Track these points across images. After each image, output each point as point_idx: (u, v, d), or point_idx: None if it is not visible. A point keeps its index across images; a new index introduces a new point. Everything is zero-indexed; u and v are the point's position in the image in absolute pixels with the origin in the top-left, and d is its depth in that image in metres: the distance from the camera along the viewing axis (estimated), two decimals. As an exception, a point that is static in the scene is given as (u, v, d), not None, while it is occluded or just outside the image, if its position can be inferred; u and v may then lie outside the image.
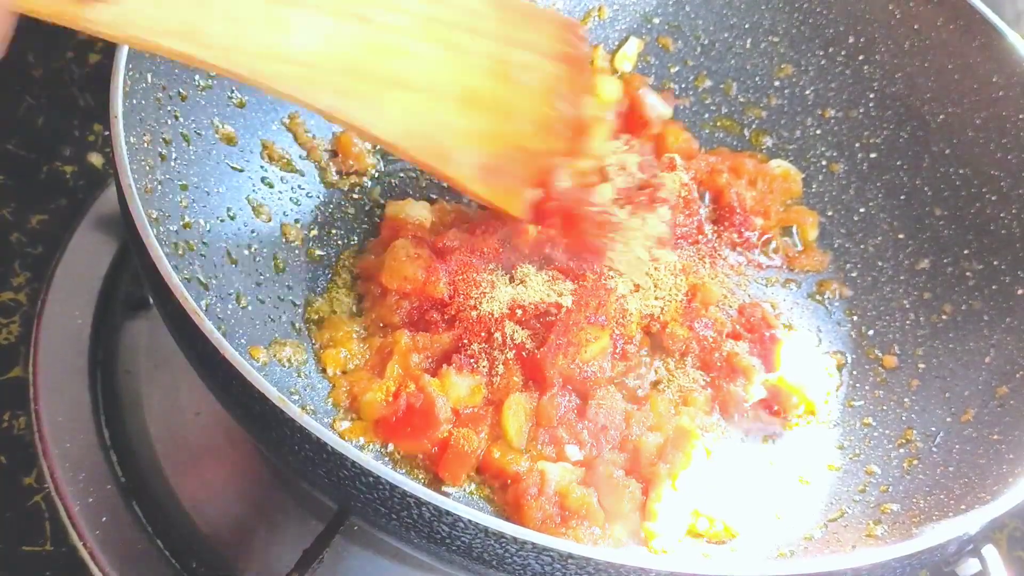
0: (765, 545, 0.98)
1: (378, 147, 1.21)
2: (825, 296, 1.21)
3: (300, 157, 1.16)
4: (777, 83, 1.31)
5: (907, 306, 1.17)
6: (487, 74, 0.97)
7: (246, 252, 1.05)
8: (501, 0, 1.00)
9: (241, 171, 1.09)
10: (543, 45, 1.01)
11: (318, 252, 1.12)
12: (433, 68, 0.93)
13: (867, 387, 1.13)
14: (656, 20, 1.33)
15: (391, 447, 0.98)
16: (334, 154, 1.19)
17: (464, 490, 0.98)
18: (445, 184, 1.17)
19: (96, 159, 1.34)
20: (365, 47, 0.89)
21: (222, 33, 0.81)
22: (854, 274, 1.22)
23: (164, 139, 0.98)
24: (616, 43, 1.32)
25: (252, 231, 1.07)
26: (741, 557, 0.97)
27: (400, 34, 0.92)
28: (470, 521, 0.71)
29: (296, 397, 0.97)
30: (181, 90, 1.02)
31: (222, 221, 1.04)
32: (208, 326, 0.76)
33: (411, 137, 0.92)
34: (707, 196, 1.24)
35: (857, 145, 1.27)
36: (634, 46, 1.31)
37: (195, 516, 1.03)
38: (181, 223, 0.98)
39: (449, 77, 0.94)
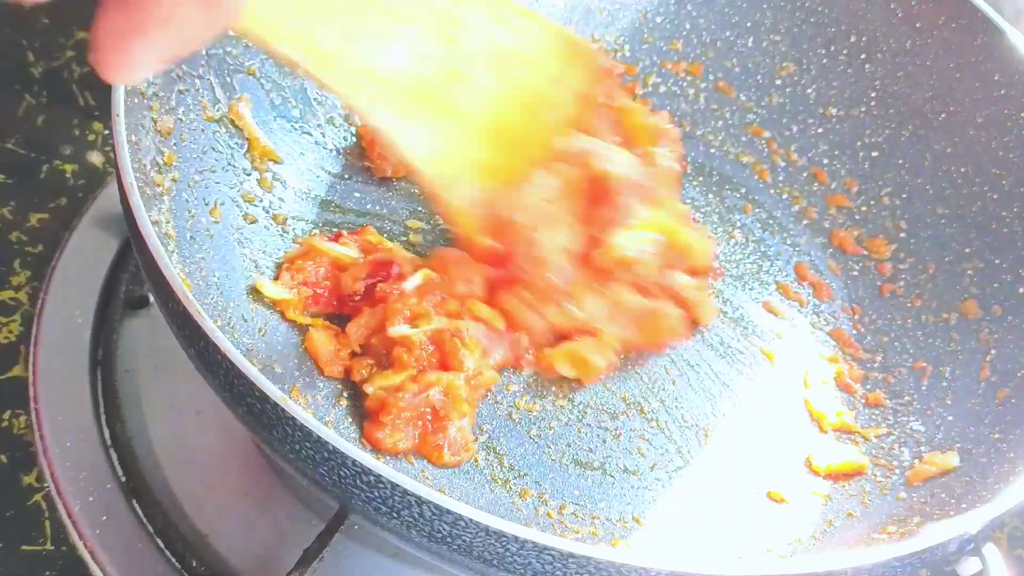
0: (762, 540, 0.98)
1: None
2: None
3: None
4: (779, 82, 1.31)
5: (908, 304, 1.17)
6: (522, 108, 0.96)
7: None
8: (563, 35, 1.00)
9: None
10: (578, 84, 1.00)
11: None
12: (482, 97, 0.93)
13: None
14: (658, 19, 1.32)
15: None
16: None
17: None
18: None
19: (96, 158, 1.34)
20: (441, 70, 0.88)
21: (332, 46, 0.80)
22: (855, 271, 1.21)
23: (165, 138, 0.98)
24: (617, 41, 1.32)
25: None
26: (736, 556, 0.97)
27: (472, 60, 0.91)
28: (471, 520, 0.71)
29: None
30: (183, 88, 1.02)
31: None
32: (209, 324, 0.76)
33: (432, 162, 0.91)
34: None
35: (859, 144, 1.27)
36: None
37: (195, 516, 1.03)
38: (182, 221, 0.98)
39: (491, 107, 0.93)
